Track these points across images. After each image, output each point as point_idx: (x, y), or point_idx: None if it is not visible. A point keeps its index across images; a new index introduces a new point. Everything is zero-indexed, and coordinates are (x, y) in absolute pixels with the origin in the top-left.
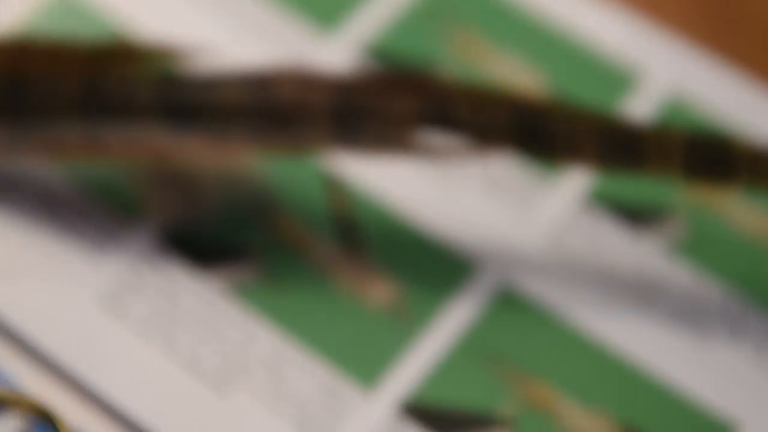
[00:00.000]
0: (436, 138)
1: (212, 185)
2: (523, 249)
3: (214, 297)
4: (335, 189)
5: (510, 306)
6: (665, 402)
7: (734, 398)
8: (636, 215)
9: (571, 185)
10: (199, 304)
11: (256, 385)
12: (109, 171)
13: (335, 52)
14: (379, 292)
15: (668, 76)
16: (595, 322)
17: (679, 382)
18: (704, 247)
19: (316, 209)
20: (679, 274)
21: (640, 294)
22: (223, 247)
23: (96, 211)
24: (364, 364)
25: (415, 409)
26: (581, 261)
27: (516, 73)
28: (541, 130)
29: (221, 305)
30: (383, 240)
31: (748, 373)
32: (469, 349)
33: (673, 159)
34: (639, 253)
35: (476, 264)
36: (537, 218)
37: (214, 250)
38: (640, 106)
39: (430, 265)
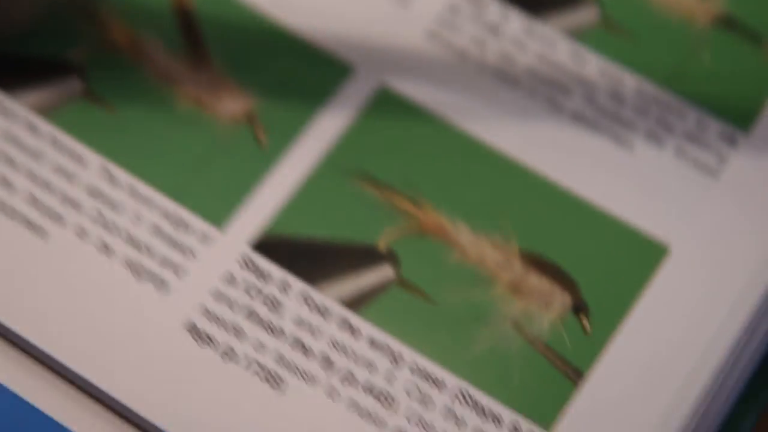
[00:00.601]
0: None
1: None
2: (401, 46)
3: (30, 120)
4: None
5: (387, 112)
6: (576, 221)
7: (657, 211)
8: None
9: None
10: (9, 129)
11: (82, 219)
12: None
13: None
14: (230, 106)
15: None
16: (490, 128)
17: (592, 197)
18: (618, 33)
19: (151, 6)
20: (588, 68)
21: (542, 94)
22: (39, 60)
23: None
24: (214, 191)
25: (276, 242)
26: (469, 58)
27: None
28: None
29: (39, 129)
30: (233, 41)
31: (669, 181)
32: (341, 169)
33: None
34: (538, 44)
35: (347, 66)
36: (416, 10)
37: (26, 64)
38: None
39: (292, 70)
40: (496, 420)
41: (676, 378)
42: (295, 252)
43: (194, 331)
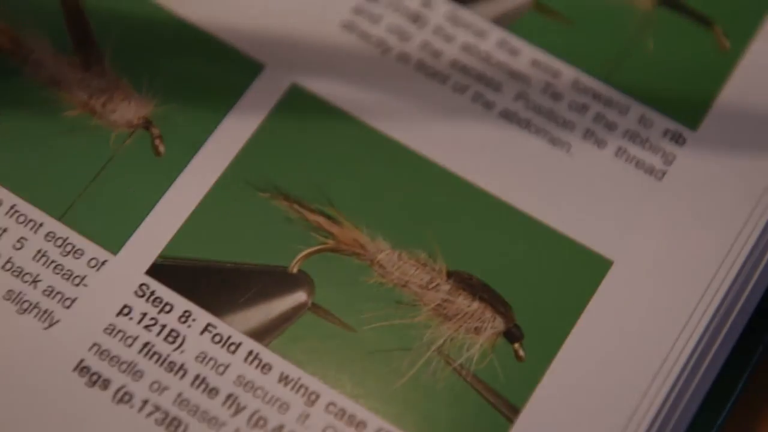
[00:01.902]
0: None
1: None
2: (314, 40)
3: None
4: None
5: (299, 115)
6: (508, 234)
7: (598, 219)
8: None
9: None
10: None
11: None
12: None
13: None
14: (125, 112)
15: None
16: (411, 129)
17: (525, 206)
18: (553, 18)
19: (36, 2)
20: (520, 59)
21: (469, 90)
22: None
23: None
24: (107, 210)
25: (177, 267)
26: (389, 50)
27: None
28: None
29: None
30: (128, 39)
31: (610, 185)
32: (248, 181)
33: None
34: (464, 33)
35: (255, 64)
36: (328, 2)
37: None
38: None
39: (193, 71)
40: None
41: (623, 408)
42: (198, 278)
43: (84, 370)
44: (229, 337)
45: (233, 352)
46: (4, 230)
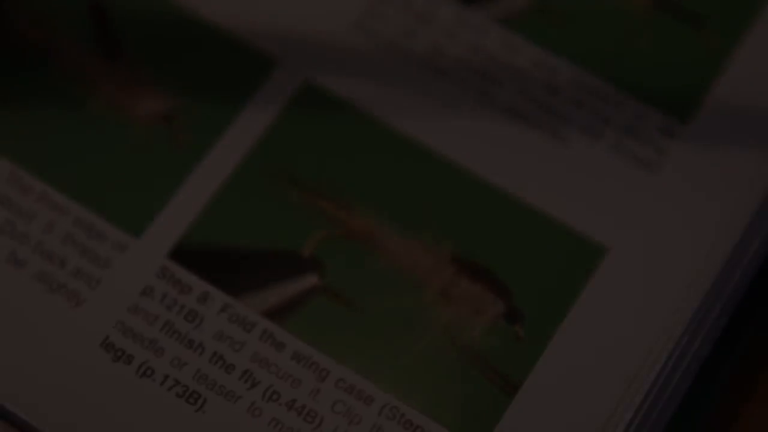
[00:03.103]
0: None
1: None
2: (326, 38)
3: None
4: None
5: (312, 109)
6: (509, 222)
7: (594, 209)
8: None
9: None
10: None
11: None
12: None
13: None
14: (146, 105)
15: None
16: (418, 123)
17: (525, 195)
18: (553, 18)
19: (62, 1)
20: (521, 57)
21: (473, 86)
22: None
23: None
24: (130, 197)
25: (196, 250)
26: (398, 49)
27: None
28: None
29: None
30: (149, 36)
31: (606, 176)
32: (264, 170)
33: None
34: (469, 33)
35: (270, 60)
36: (341, 2)
37: None
38: None
39: (212, 66)
40: None
41: (615, 386)
42: (216, 261)
43: (109, 346)
44: (245, 317)
45: (249, 331)
46: (34, 215)
